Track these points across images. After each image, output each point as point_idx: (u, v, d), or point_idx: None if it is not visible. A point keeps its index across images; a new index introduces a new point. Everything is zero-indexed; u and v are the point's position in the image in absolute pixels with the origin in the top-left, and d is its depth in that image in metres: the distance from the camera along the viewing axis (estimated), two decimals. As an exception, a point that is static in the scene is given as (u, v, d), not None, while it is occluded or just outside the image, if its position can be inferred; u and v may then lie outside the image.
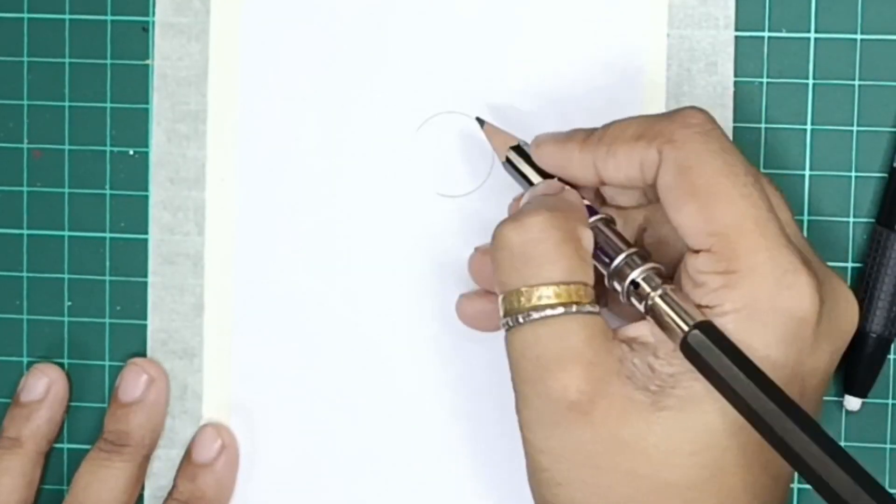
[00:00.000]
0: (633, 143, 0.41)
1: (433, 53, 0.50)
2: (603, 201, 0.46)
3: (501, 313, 0.42)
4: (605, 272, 0.42)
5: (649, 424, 0.39)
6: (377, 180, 0.51)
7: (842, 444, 0.49)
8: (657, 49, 0.49)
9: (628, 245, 0.42)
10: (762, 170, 0.49)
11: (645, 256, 0.42)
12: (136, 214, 0.52)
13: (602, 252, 0.42)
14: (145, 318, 0.52)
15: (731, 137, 0.49)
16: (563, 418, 0.40)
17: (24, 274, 0.53)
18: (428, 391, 0.51)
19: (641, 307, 0.41)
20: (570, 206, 0.43)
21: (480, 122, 0.48)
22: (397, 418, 0.51)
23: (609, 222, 0.43)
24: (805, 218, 0.49)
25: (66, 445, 0.53)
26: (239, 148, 0.51)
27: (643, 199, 0.45)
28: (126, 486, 0.50)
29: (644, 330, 0.41)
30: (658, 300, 0.40)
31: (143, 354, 0.52)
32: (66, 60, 0.52)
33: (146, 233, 0.52)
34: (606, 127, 0.43)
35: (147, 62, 0.52)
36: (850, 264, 0.49)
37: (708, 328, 0.39)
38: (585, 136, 0.43)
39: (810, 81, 0.49)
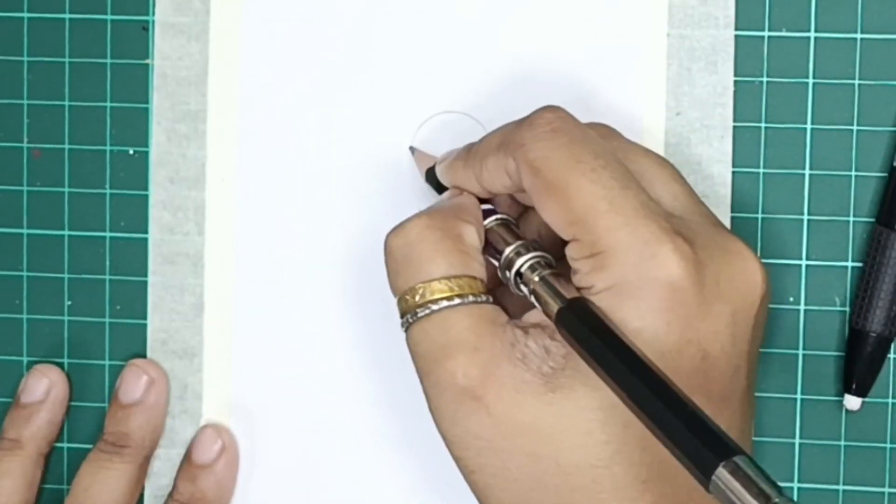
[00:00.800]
0: (496, 154, 0.43)
1: (433, 54, 0.50)
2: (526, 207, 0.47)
3: (399, 317, 0.43)
4: (499, 272, 0.44)
5: (543, 405, 0.40)
6: (377, 180, 0.51)
7: (842, 443, 0.49)
8: (657, 49, 0.49)
9: (517, 239, 0.43)
10: (762, 170, 0.49)
11: (531, 248, 0.43)
12: (136, 214, 0.52)
13: (494, 249, 0.44)
14: (145, 318, 0.52)
15: (731, 137, 0.49)
16: (459, 405, 0.41)
17: (24, 274, 0.53)
18: (428, 391, 0.51)
19: (527, 293, 0.42)
20: (454, 207, 0.44)
21: (412, 150, 0.50)
22: (397, 418, 0.51)
23: (505, 223, 0.44)
24: (805, 217, 0.49)
25: (65, 445, 0.53)
26: (239, 148, 0.51)
27: None
28: (126, 488, 0.50)
29: (542, 315, 0.42)
30: (538, 284, 0.42)
31: (143, 354, 0.52)
32: (66, 60, 0.52)
33: (146, 232, 0.52)
34: (481, 139, 0.45)
35: (147, 62, 0.52)
36: (850, 264, 0.50)
37: (577, 304, 0.40)
38: (467, 151, 0.45)
39: (810, 81, 0.49)
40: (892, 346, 0.49)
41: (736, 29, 0.49)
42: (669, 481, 0.40)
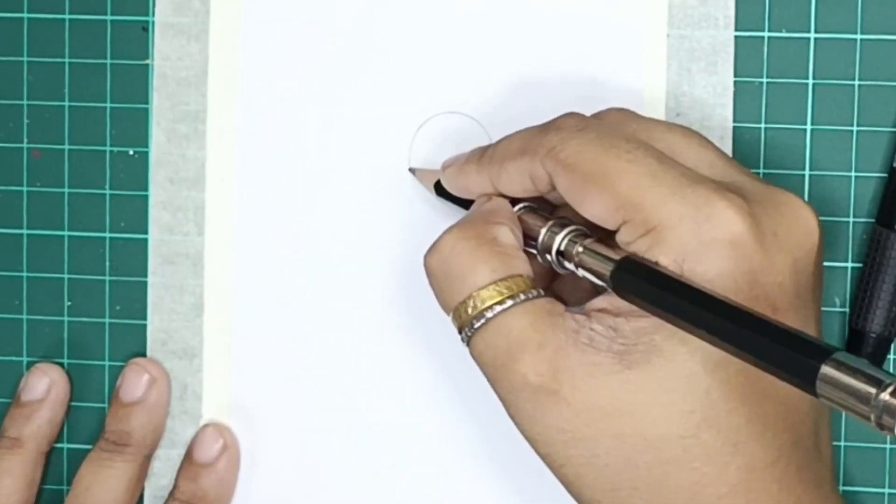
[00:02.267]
0: (520, 159, 0.43)
1: (433, 54, 0.50)
2: (553, 206, 0.46)
3: (458, 332, 0.43)
4: (538, 256, 0.44)
5: (621, 384, 0.40)
6: (377, 180, 0.51)
7: (842, 443, 0.49)
8: (657, 49, 0.49)
9: (547, 221, 0.43)
10: (762, 170, 0.49)
11: (565, 224, 0.43)
12: (135, 214, 0.52)
13: (530, 237, 0.44)
14: (145, 318, 0.52)
15: (731, 137, 0.49)
16: (536, 404, 0.41)
17: (24, 274, 0.53)
18: (428, 391, 0.51)
19: (574, 269, 0.42)
20: (484, 213, 0.44)
21: (412, 171, 0.50)
22: (397, 418, 0.51)
23: (530, 209, 0.44)
24: (805, 218, 0.49)
25: (66, 445, 0.53)
26: (239, 148, 0.51)
27: None
28: (127, 487, 0.50)
29: (605, 300, 0.41)
30: (583, 256, 0.42)
31: (143, 354, 0.52)
32: (66, 60, 0.52)
33: (146, 233, 0.52)
34: (496, 144, 0.45)
35: (147, 62, 0.52)
36: (850, 264, 0.50)
37: (629, 261, 0.40)
38: (480, 155, 0.45)
39: (810, 81, 0.49)
40: (892, 346, 0.49)
41: (736, 29, 0.49)
42: (758, 441, 0.40)
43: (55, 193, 0.52)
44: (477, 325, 0.42)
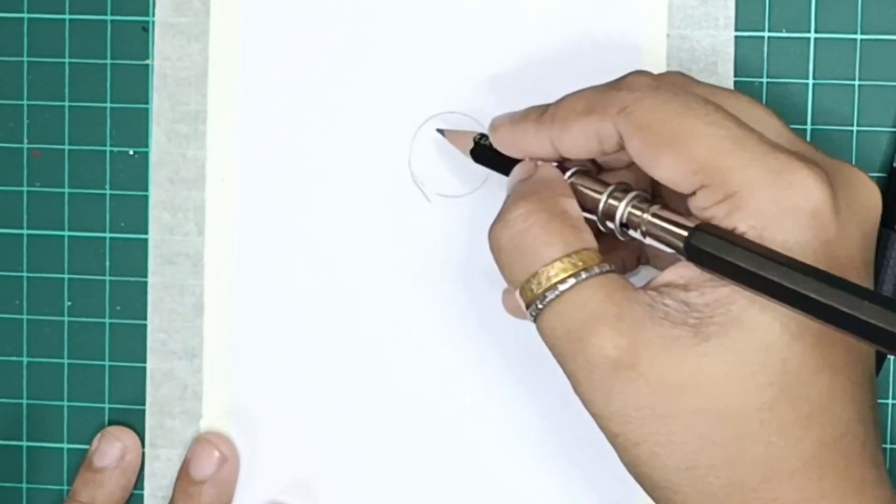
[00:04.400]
0: (586, 118, 0.42)
1: (433, 53, 0.50)
2: (599, 168, 0.46)
3: (524, 308, 0.42)
4: (598, 223, 0.43)
5: (699, 357, 0.39)
6: (377, 180, 0.51)
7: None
8: (657, 49, 0.49)
9: (605, 186, 0.42)
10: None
11: (626, 189, 0.42)
12: (135, 214, 0.52)
13: (588, 206, 0.43)
14: (145, 318, 0.52)
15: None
16: (614, 378, 0.40)
17: (24, 274, 0.53)
18: (427, 391, 0.51)
19: (640, 237, 0.41)
20: (547, 183, 0.43)
21: (441, 132, 0.49)
22: (397, 418, 0.51)
23: (584, 171, 0.43)
24: (805, 218, 0.49)
25: (65, 446, 0.52)
26: (239, 148, 0.51)
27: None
28: None
29: (673, 273, 0.41)
30: (651, 221, 0.41)
31: (143, 355, 0.52)
32: (66, 60, 0.52)
33: (146, 233, 0.52)
34: (558, 103, 0.43)
35: (147, 62, 0.52)
36: (850, 264, 0.50)
37: (706, 228, 0.39)
38: (539, 114, 0.44)
39: (810, 81, 0.49)
40: (893, 346, 0.49)
41: (736, 30, 0.49)
42: (828, 414, 0.39)
43: (55, 193, 0.52)
44: (549, 297, 0.41)
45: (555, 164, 0.44)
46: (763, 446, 0.39)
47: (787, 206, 0.39)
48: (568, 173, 0.43)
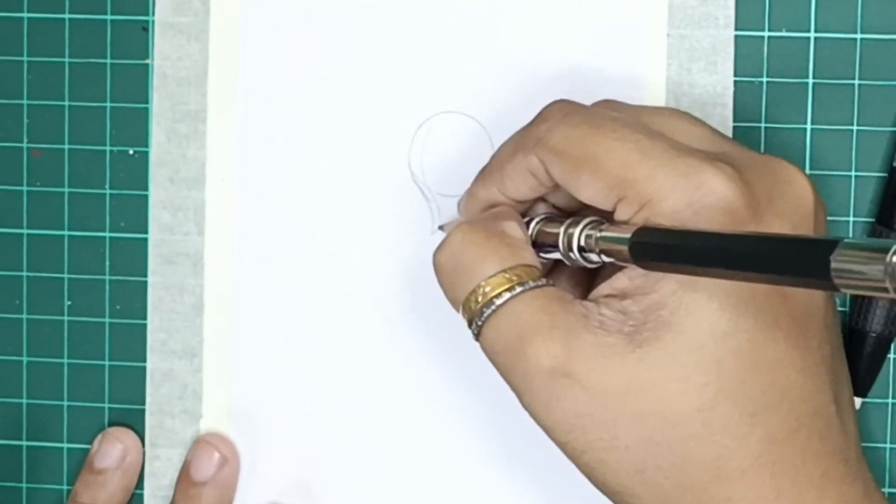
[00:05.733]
0: (515, 157, 0.43)
1: (433, 53, 0.50)
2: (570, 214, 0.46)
3: (467, 327, 0.43)
4: (564, 259, 0.44)
5: (635, 363, 0.40)
6: (377, 180, 0.51)
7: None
8: (657, 49, 0.49)
9: (560, 223, 0.43)
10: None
11: (579, 221, 0.43)
12: (135, 214, 0.52)
13: (551, 246, 0.44)
14: (145, 318, 0.52)
15: (730, 137, 0.49)
16: (552, 388, 0.40)
17: (24, 274, 0.53)
18: (428, 391, 0.51)
19: (598, 258, 0.42)
20: (491, 213, 0.45)
21: (442, 228, 0.50)
22: (396, 418, 0.51)
23: (548, 218, 0.45)
24: (805, 218, 0.49)
25: (65, 446, 0.53)
26: (239, 148, 0.51)
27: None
28: None
29: (609, 285, 0.41)
30: (601, 243, 0.42)
31: (143, 355, 0.52)
32: (66, 60, 0.52)
33: (146, 233, 0.52)
34: (491, 158, 0.45)
35: (147, 62, 0.52)
36: (850, 264, 0.49)
37: (643, 230, 0.40)
38: (482, 172, 0.46)
39: (810, 81, 0.49)
40: (892, 346, 0.49)
41: (736, 29, 0.49)
42: (775, 411, 0.40)
43: (55, 193, 0.52)
44: (486, 312, 0.42)
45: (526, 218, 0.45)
46: (709, 446, 0.39)
47: (698, 207, 0.39)
48: (533, 223, 0.45)
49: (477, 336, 0.42)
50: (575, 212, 0.46)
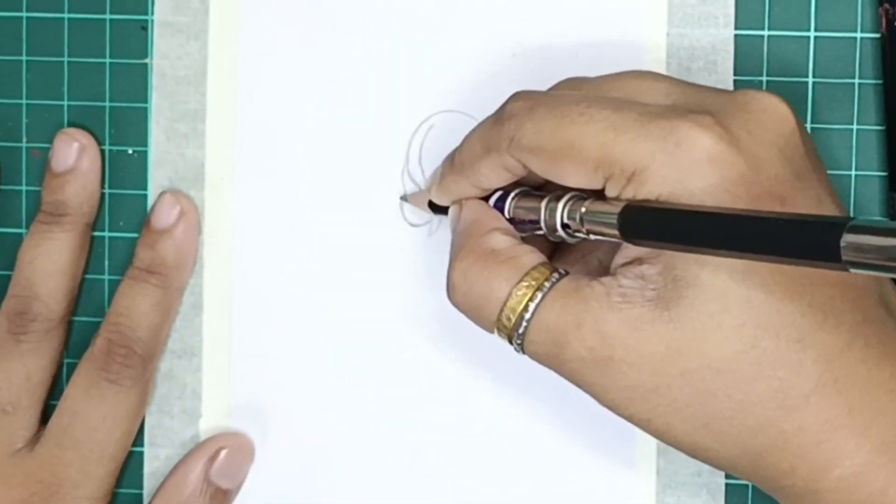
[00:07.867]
0: (488, 157, 0.44)
1: (433, 53, 0.50)
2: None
3: (513, 349, 0.43)
4: (547, 235, 0.44)
5: (665, 325, 0.40)
6: (377, 180, 0.51)
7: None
8: (657, 48, 0.49)
9: (540, 199, 0.44)
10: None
11: (560, 196, 0.43)
12: (135, 214, 0.52)
13: (531, 223, 0.44)
14: (145, 318, 0.52)
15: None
16: (601, 375, 0.41)
17: (24, 273, 0.53)
18: (428, 391, 0.51)
19: (585, 234, 0.43)
20: (469, 228, 0.45)
21: (403, 198, 0.50)
22: (397, 417, 0.51)
23: (523, 192, 0.45)
24: (805, 217, 0.49)
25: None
26: (238, 148, 0.51)
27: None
28: (70, 256, 0.50)
29: (623, 254, 0.42)
30: (586, 219, 0.42)
31: (142, 353, 0.52)
32: (65, 59, 0.52)
33: (146, 232, 0.52)
34: (460, 149, 0.46)
35: (146, 61, 0.52)
36: (849, 264, 0.49)
37: (630, 208, 0.40)
38: (450, 163, 0.46)
39: (810, 80, 0.49)
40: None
41: (735, 28, 0.49)
42: (821, 329, 0.40)
43: (55, 193, 0.52)
44: (521, 331, 0.42)
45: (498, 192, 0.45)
46: (764, 383, 0.40)
47: (684, 165, 0.40)
48: (510, 196, 0.45)
49: (522, 352, 0.43)
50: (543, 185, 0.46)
